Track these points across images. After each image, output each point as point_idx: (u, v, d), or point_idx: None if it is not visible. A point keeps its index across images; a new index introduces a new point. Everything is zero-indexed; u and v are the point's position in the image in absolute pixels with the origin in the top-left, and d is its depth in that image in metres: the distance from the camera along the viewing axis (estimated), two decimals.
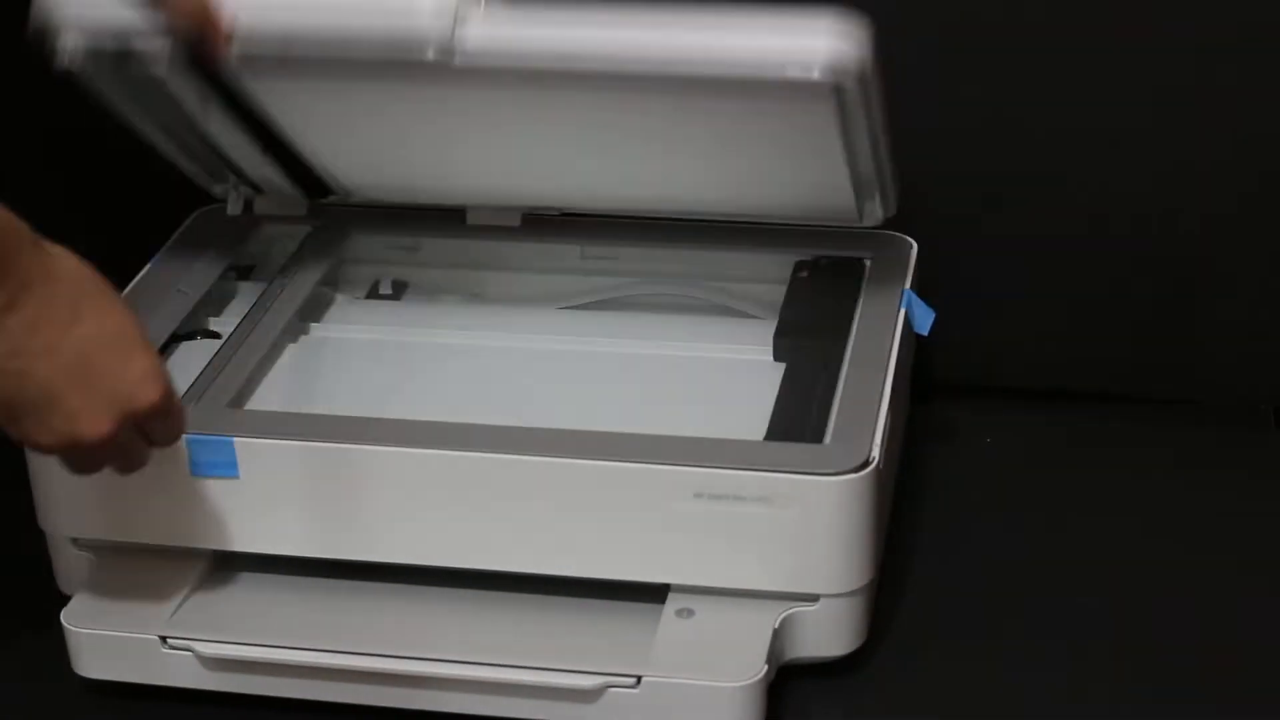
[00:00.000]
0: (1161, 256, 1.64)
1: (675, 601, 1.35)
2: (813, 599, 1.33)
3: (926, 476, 1.60)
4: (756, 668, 1.29)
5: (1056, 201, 1.63)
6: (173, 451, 1.32)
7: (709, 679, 1.28)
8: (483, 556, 1.36)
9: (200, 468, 1.35)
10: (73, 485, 1.37)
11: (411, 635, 1.34)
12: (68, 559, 1.42)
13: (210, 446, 1.35)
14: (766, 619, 1.33)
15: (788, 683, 1.36)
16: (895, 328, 1.46)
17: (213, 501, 1.37)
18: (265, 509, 1.36)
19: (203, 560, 1.40)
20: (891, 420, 1.39)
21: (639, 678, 1.29)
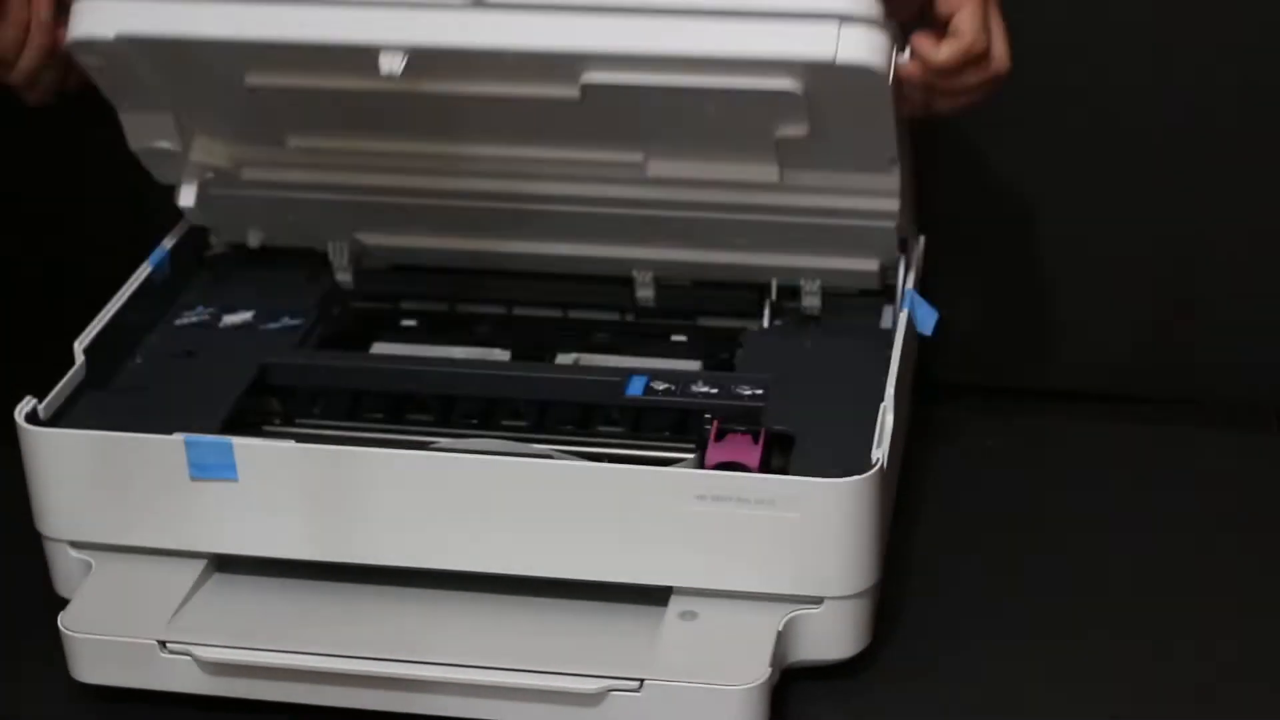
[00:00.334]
0: (1162, 257, 1.64)
1: (677, 604, 1.34)
2: (817, 601, 1.33)
3: (927, 477, 1.60)
4: (761, 671, 1.28)
5: (1057, 201, 1.63)
6: (173, 455, 1.33)
7: (713, 682, 1.28)
8: (484, 559, 1.35)
9: (199, 470, 1.35)
10: (71, 488, 1.37)
11: (412, 639, 1.33)
12: (65, 562, 1.41)
13: (209, 449, 1.34)
14: (770, 621, 1.32)
15: (790, 685, 1.35)
16: (898, 329, 1.46)
17: (212, 504, 1.36)
18: (265, 512, 1.36)
19: (201, 564, 1.39)
20: (895, 421, 1.38)
21: (642, 681, 1.28)
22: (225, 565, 1.40)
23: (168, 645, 1.33)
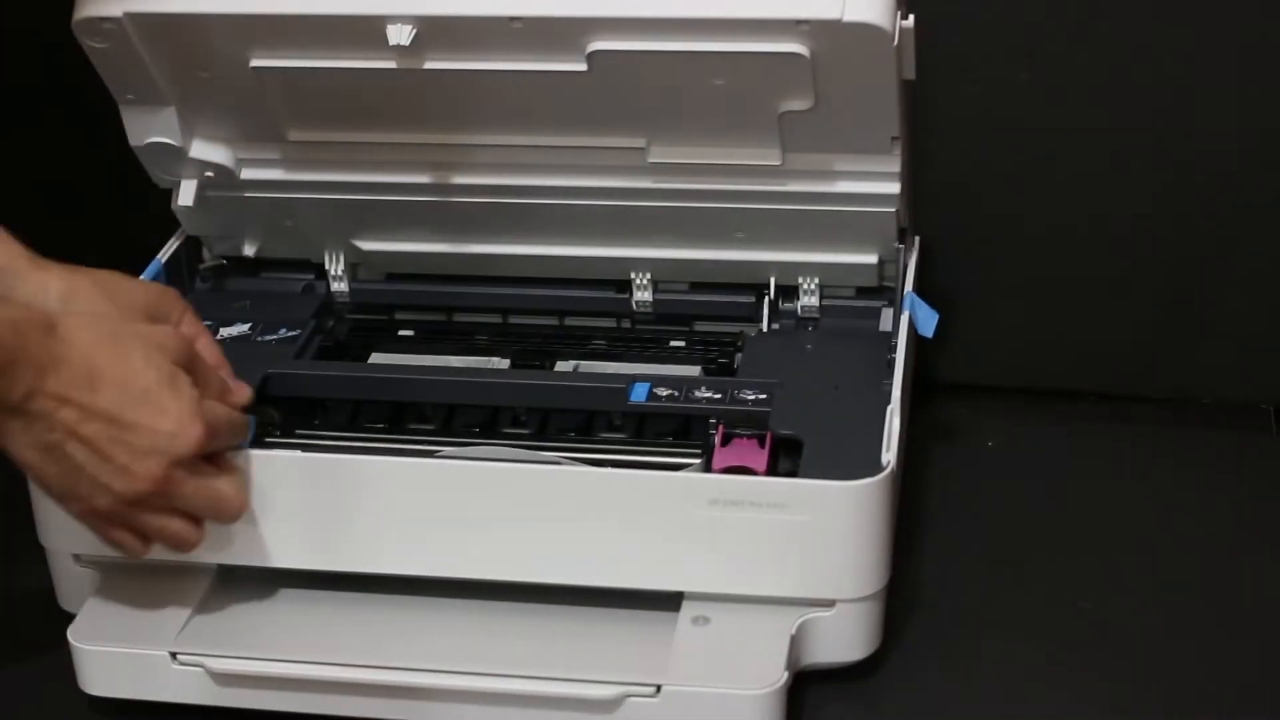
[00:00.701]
0: (1162, 257, 1.65)
1: (690, 609, 1.34)
2: (829, 604, 1.33)
3: (928, 477, 1.60)
4: (776, 675, 1.28)
5: (1057, 202, 1.63)
6: None
7: (729, 687, 1.28)
8: (496, 567, 1.34)
9: None
10: None
11: (426, 648, 1.33)
12: (69, 576, 1.41)
13: None
14: (783, 625, 1.32)
15: (802, 689, 1.35)
16: (899, 331, 1.46)
17: None
18: (273, 523, 1.35)
19: (208, 575, 1.39)
20: (902, 423, 1.38)
21: (658, 686, 1.28)
22: (232, 576, 1.39)
23: (179, 657, 1.32)
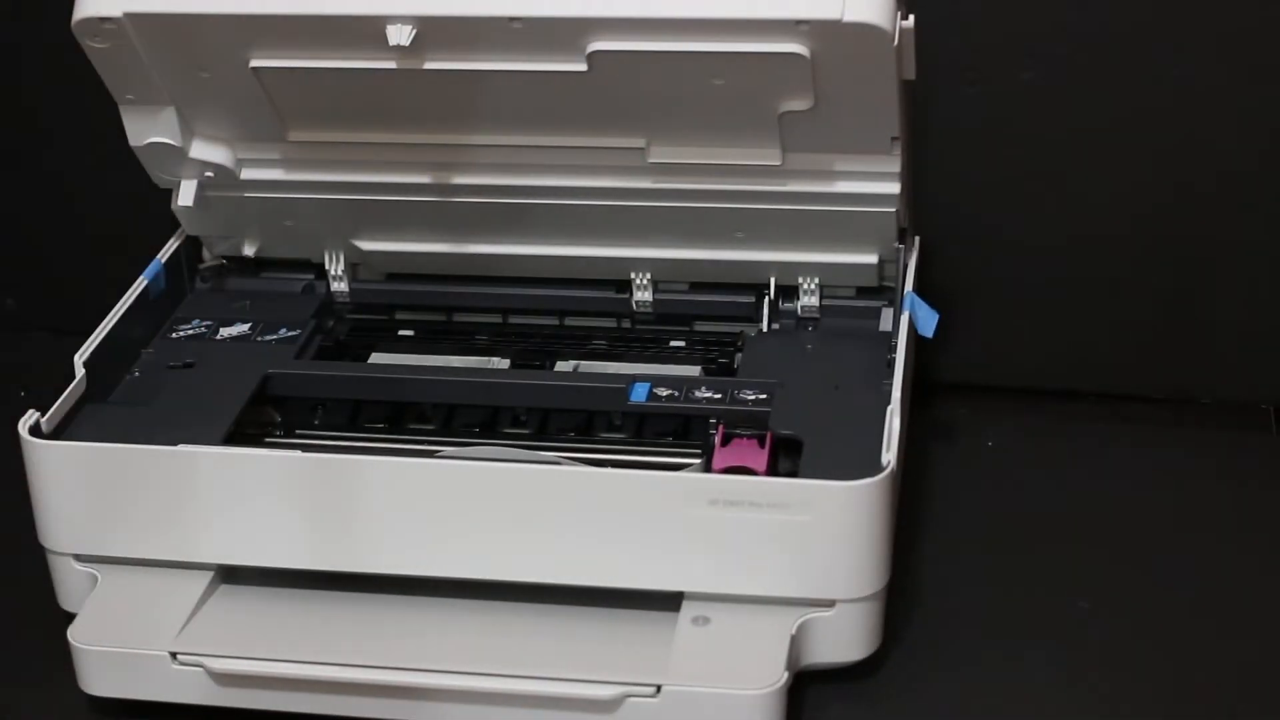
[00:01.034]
0: (1161, 257, 1.65)
1: (690, 609, 1.34)
2: (829, 604, 1.33)
3: (928, 477, 1.60)
4: (777, 675, 1.28)
5: (1057, 202, 1.63)
6: (178, 467, 1.33)
7: (730, 687, 1.28)
8: (495, 567, 1.34)
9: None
10: (75, 501, 1.36)
11: (425, 647, 1.33)
12: (69, 576, 1.40)
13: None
14: (783, 625, 1.32)
15: (802, 689, 1.35)
16: (900, 331, 1.46)
17: (216, 516, 1.36)
18: (273, 522, 1.35)
19: (208, 575, 1.39)
20: (902, 423, 1.38)
21: (659, 687, 1.28)
22: (232, 576, 1.39)
23: (179, 657, 1.32)
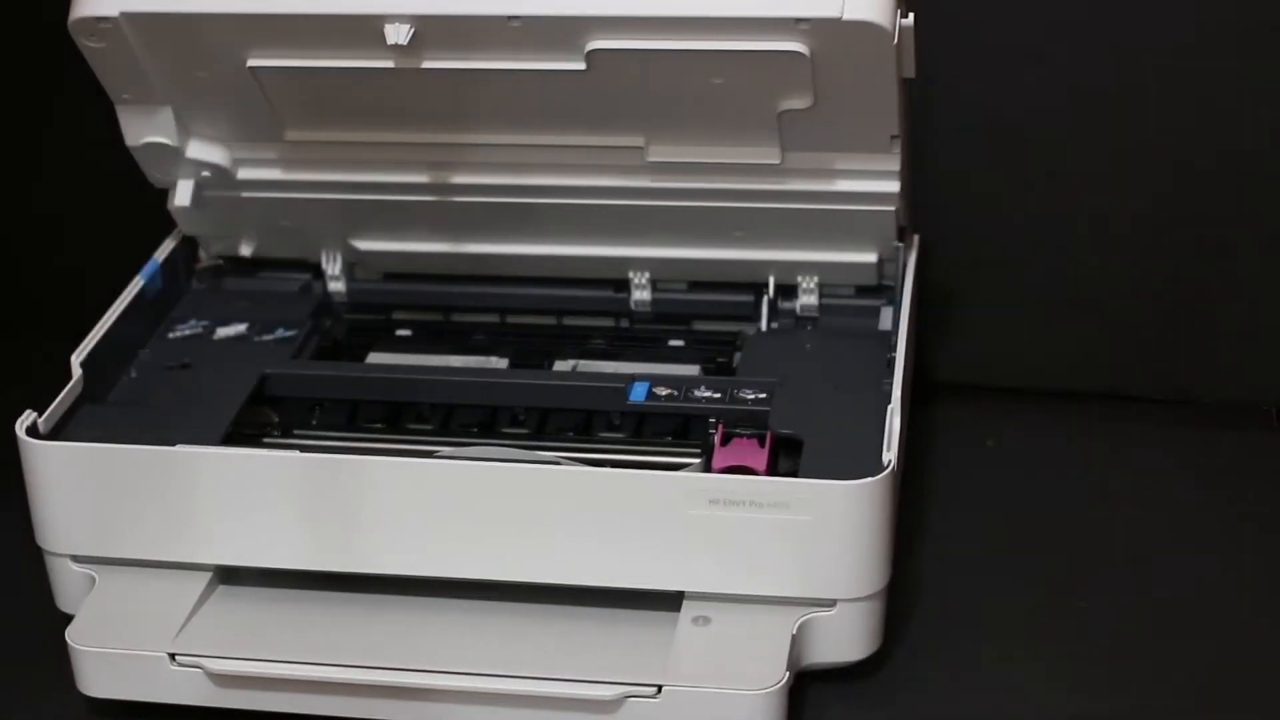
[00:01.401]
0: (1162, 257, 1.65)
1: (690, 609, 1.34)
2: (830, 604, 1.33)
3: (928, 477, 1.60)
4: (778, 674, 1.28)
5: (1057, 202, 1.64)
6: (176, 467, 1.33)
7: (731, 687, 1.27)
8: (495, 567, 1.34)
9: None
10: (73, 502, 1.36)
11: (425, 648, 1.32)
12: (67, 577, 1.40)
13: None
14: (784, 625, 1.32)
15: (803, 689, 1.35)
16: (900, 330, 1.46)
17: (215, 516, 1.35)
18: (272, 523, 1.35)
19: (206, 576, 1.38)
20: (902, 423, 1.38)
21: (659, 687, 1.28)
22: (230, 577, 1.39)
23: (177, 658, 1.32)
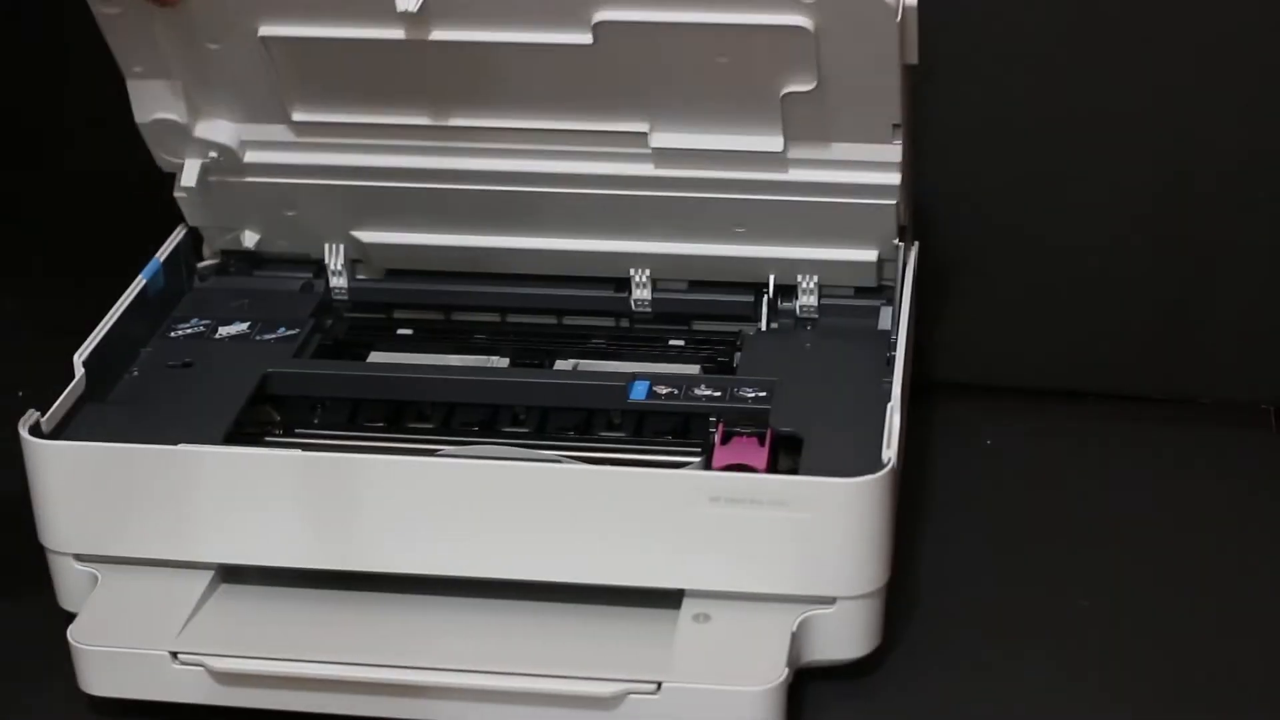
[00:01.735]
0: (1162, 257, 1.65)
1: (691, 606, 1.34)
2: (829, 601, 1.33)
3: (928, 476, 1.60)
4: (778, 671, 1.28)
5: (1057, 202, 1.64)
6: (178, 466, 1.33)
7: (731, 684, 1.28)
8: (496, 566, 1.34)
9: None
10: (76, 501, 1.36)
11: (427, 646, 1.33)
12: (70, 575, 1.40)
13: None
14: (784, 622, 1.32)
15: (803, 686, 1.35)
16: (899, 329, 1.46)
17: (217, 515, 1.36)
18: (274, 521, 1.35)
19: (208, 574, 1.38)
20: (902, 421, 1.38)
21: (659, 684, 1.28)
22: (232, 575, 1.39)
23: (179, 656, 1.32)
